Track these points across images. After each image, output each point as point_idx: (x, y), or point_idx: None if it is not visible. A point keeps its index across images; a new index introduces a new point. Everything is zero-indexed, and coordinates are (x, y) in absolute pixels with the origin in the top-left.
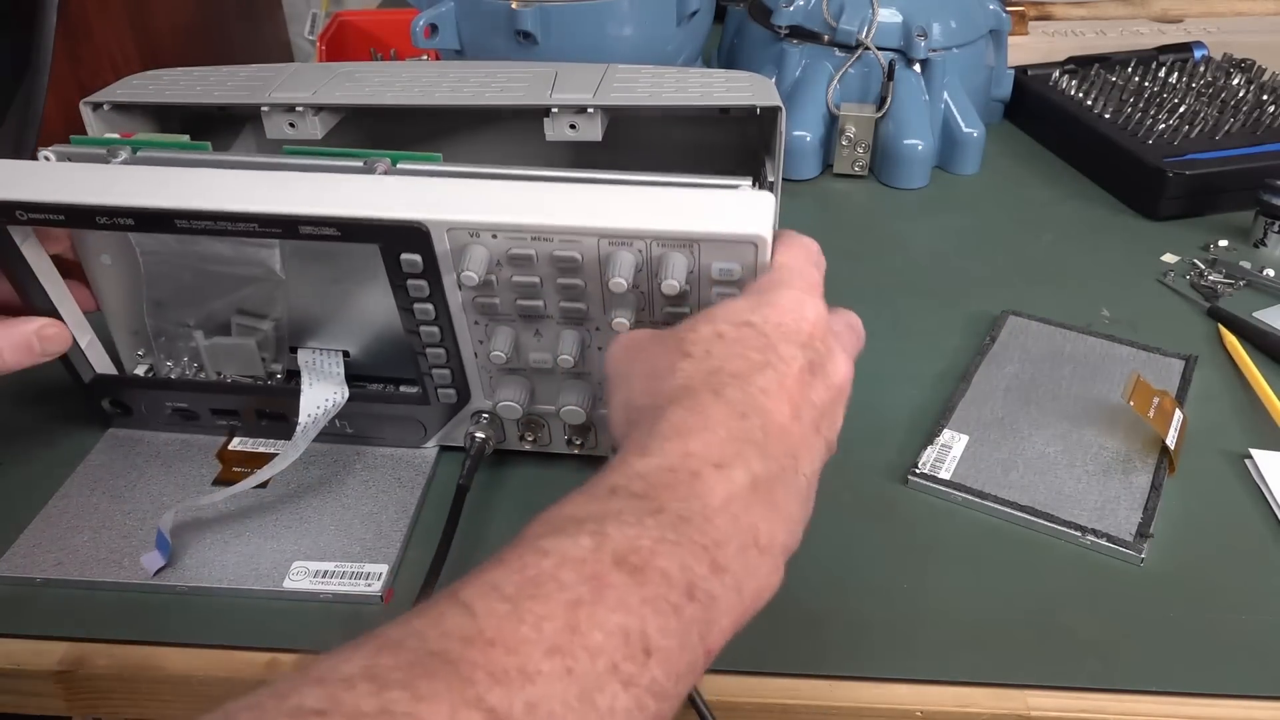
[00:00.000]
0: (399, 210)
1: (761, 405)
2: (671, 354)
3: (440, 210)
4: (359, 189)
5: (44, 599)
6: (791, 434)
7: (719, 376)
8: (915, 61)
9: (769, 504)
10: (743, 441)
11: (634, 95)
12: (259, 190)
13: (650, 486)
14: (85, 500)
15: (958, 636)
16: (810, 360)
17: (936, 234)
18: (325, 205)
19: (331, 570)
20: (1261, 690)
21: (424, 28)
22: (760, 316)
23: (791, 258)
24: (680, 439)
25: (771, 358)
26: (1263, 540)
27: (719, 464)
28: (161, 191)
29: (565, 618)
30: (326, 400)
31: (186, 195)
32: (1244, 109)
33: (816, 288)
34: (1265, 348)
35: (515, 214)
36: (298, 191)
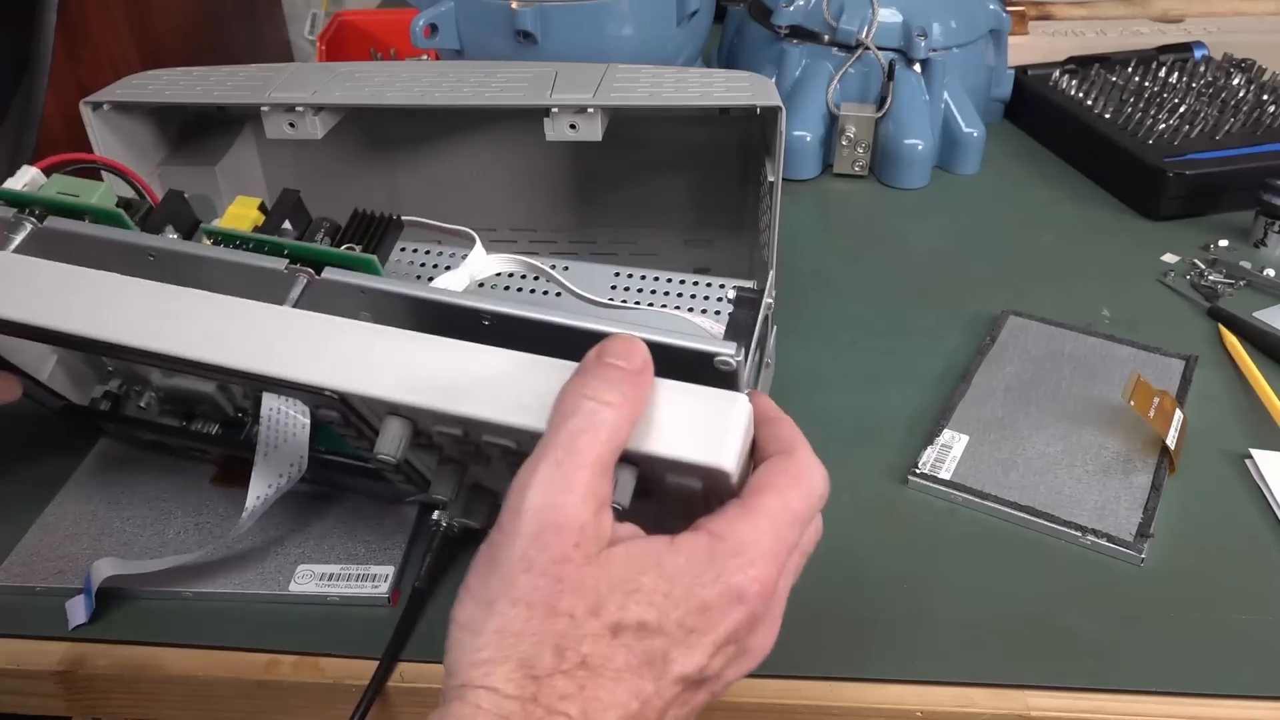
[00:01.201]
0: (312, 374)
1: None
2: (556, 620)
3: (356, 381)
4: (275, 333)
5: (44, 607)
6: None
7: (568, 710)
8: (915, 61)
9: None
10: None
11: (634, 95)
12: (170, 323)
13: None
14: (83, 507)
15: (958, 636)
16: (701, 675)
17: (936, 234)
18: (242, 356)
19: (337, 573)
20: (1261, 690)
21: (424, 28)
22: (678, 618)
23: (776, 510)
24: None
25: (647, 688)
26: (1263, 540)
27: None
28: (57, 307)
29: None
30: (280, 477)
31: (83, 317)
32: (1244, 109)
33: (779, 564)
34: (1265, 348)
35: (442, 398)
36: (212, 329)
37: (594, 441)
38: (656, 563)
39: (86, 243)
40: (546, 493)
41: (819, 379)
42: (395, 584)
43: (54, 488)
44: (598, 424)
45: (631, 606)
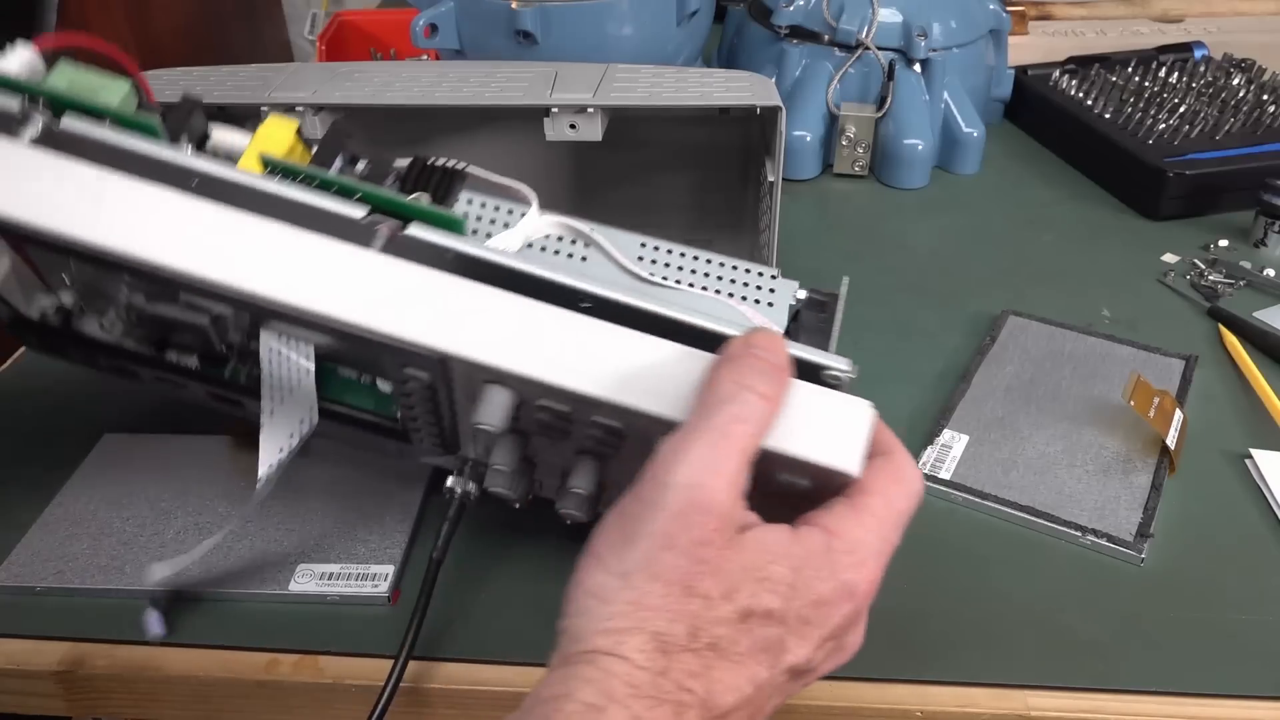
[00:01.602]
0: (414, 331)
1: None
2: (691, 600)
3: (464, 344)
4: (366, 280)
5: (44, 607)
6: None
7: (694, 684)
8: (915, 61)
9: None
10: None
11: (634, 95)
12: (234, 250)
13: None
14: (83, 507)
15: (958, 636)
16: (807, 666)
17: (936, 234)
18: (322, 300)
19: (337, 572)
20: (1261, 690)
21: (424, 28)
22: (798, 608)
23: (889, 514)
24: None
25: (763, 674)
26: (1263, 540)
27: None
28: (95, 216)
29: None
30: (291, 437)
31: (128, 233)
32: (1244, 109)
33: (885, 560)
34: (1265, 348)
35: (564, 374)
36: (287, 265)
37: (746, 430)
38: (785, 553)
39: (112, 154)
40: (697, 472)
41: None
42: (395, 583)
43: (54, 488)
44: (751, 413)
45: (762, 594)
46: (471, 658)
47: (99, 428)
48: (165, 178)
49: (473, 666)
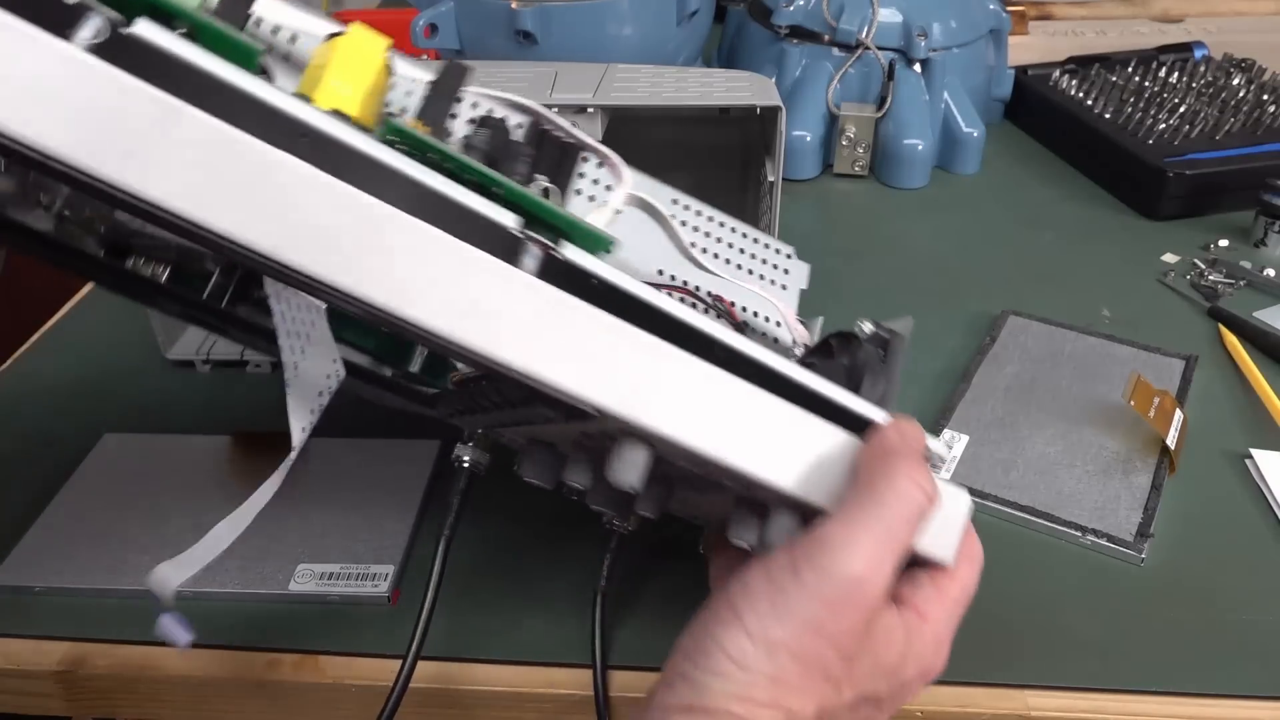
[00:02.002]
0: (570, 380)
1: None
2: (826, 690)
3: (635, 408)
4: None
5: (44, 607)
6: None
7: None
8: (915, 61)
9: None
10: None
11: (634, 95)
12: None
13: None
14: (83, 507)
15: (958, 636)
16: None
17: (936, 234)
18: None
19: (337, 572)
20: (1261, 690)
21: (424, 28)
22: (897, 684)
23: (963, 598)
24: None
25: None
26: (1263, 540)
27: None
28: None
29: None
30: (320, 395)
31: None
32: (1244, 109)
33: (951, 637)
34: (1265, 348)
35: (707, 438)
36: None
37: (912, 530)
38: (900, 649)
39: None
40: (863, 567)
41: None
42: (395, 583)
43: (54, 488)
44: (918, 513)
45: (878, 683)
46: (472, 658)
47: (99, 428)
48: (265, 132)
49: (473, 666)
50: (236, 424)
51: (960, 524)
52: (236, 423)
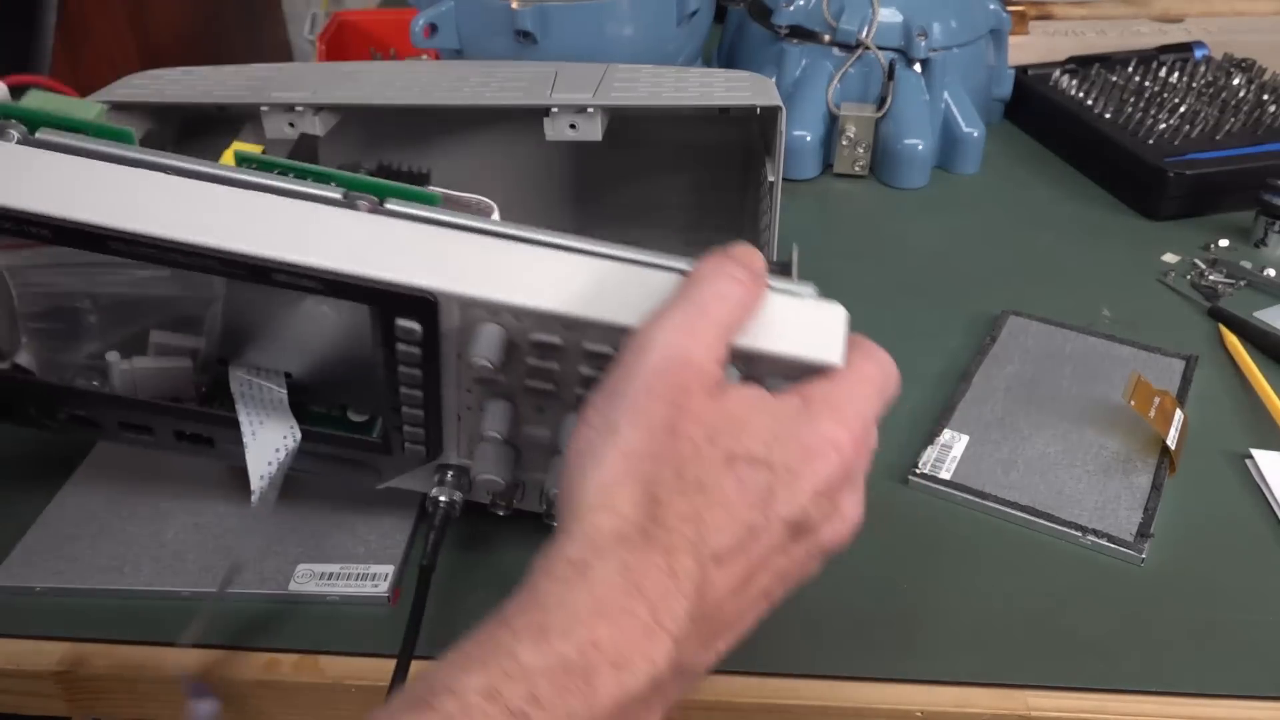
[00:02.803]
0: (404, 273)
1: (708, 579)
2: (678, 444)
3: (456, 281)
4: (351, 235)
5: (44, 607)
6: (723, 612)
7: (687, 528)
8: (915, 61)
9: (658, 695)
10: (661, 636)
11: (634, 95)
12: (221, 217)
13: (535, 698)
14: (83, 507)
15: (958, 636)
16: (802, 521)
17: (936, 234)
18: (309, 251)
19: (337, 572)
20: (1261, 690)
21: (423, 27)
22: (783, 456)
23: (860, 382)
24: (591, 622)
25: (757, 519)
26: (1263, 540)
27: (619, 663)
28: (88, 198)
29: None
30: (277, 451)
31: (122, 209)
32: (1244, 109)
33: (865, 428)
34: (1266, 348)
35: (551, 298)
36: (273, 226)
37: (723, 308)
38: (765, 407)
39: (90, 156)
40: (675, 336)
41: None
42: (395, 583)
43: (54, 488)
44: (729, 294)
45: (744, 439)
46: None
47: None
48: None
49: None
50: None
51: (836, 328)
52: None
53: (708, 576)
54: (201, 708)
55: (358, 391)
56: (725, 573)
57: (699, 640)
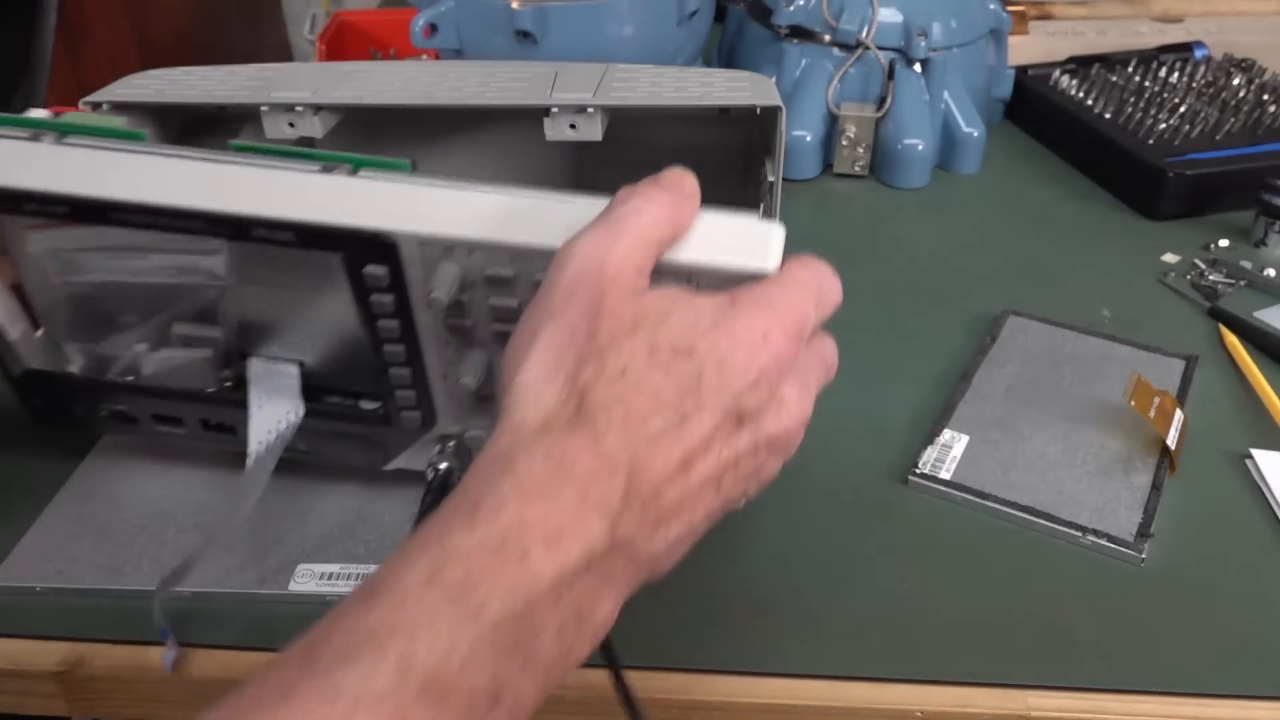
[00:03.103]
0: (364, 218)
1: (640, 460)
2: (598, 336)
3: (410, 220)
4: (320, 191)
5: (44, 607)
6: (663, 495)
7: (613, 410)
8: (915, 61)
9: (602, 577)
10: (594, 510)
11: (634, 95)
12: (207, 185)
13: (470, 575)
14: (83, 507)
15: (958, 636)
16: (741, 409)
17: (936, 234)
18: (282, 207)
19: (337, 572)
20: (1261, 690)
21: (423, 27)
22: (709, 343)
23: (796, 275)
24: (519, 502)
25: (688, 404)
26: (1263, 540)
27: (552, 539)
28: (97, 178)
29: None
30: (279, 423)
31: (126, 185)
32: (1244, 109)
33: (797, 328)
34: (1266, 348)
35: (495, 230)
36: (251, 189)
37: (640, 221)
38: (689, 302)
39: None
40: (590, 247)
41: None
42: None
43: (54, 488)
44: (644, 210)
45: (666, 330)
46: None
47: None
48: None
49: None
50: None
51: (772, 241)
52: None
53: (639, 457)
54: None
55: (367, 380)
56: (659, 456)
57: (641, 523)
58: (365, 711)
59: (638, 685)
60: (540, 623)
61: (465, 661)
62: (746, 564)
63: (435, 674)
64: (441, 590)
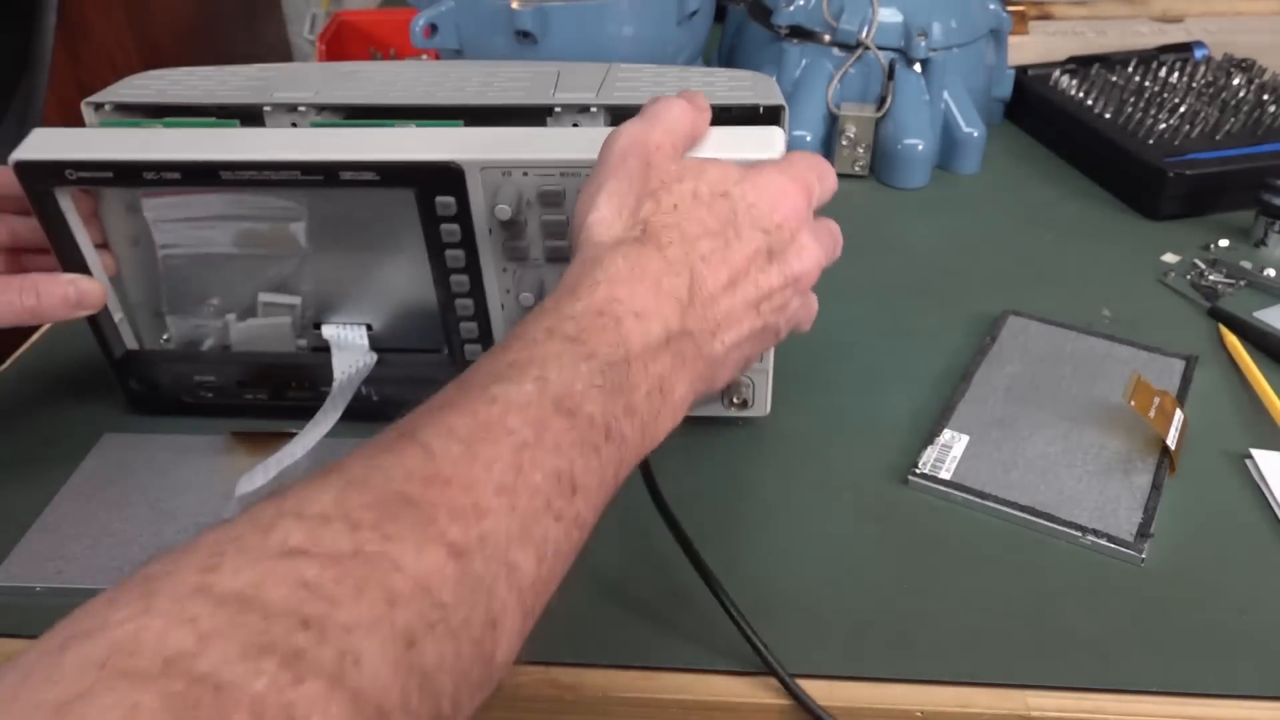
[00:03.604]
0: (435, 152)
1: (698, 271)
2: (650, 183)
3: (473, 151)
4: (394, 138)
5: (44, 607)
6: (718, 303)
7: (671, 232)
8: (915, 61)
9: (678, 358)
10: (667, 298)
11: (637, 94)
12: (299, 142)
13: (581, 330)
14: (83, 507)
15: (958, 636)
16: (770, 245)
17: (936, 234)
18: (364, 151)
19: None
20: (1261, 690)
21: (423, 27)
22: (740, 191)
23: (799, 158)
24: (609, 285)
25: (729, 233)
26: (1263, 540)
27: (639, 314)
28: (205, 146)
29: (511, 459)
30: (358, 360)
31: (230, 149)
32: (1244, 109)
33: (806, 188)
34: (1266, 348)
35: (544, 151)
36: (336, 142)
37: (669, 114)
38: (720, 163)
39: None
40: (634, 129)
41: (819, 379)
42: None
43: (54, 488)
44: (672, 105)
45: (705, 179)
46: None
47: (99, 428)
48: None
49: None
50: (235, 424)
51: (775, 139)
52: (235, 423)
53: (696, 268)
54: None
55: (428, 335)
56: (711, 270)
57: (704, 321)
58: (516, 413)
59: (637, 685)
60: (635, 380)
61: (584, 391)
62: (746, 564)
63: (565, 393)
64: (561, 338)
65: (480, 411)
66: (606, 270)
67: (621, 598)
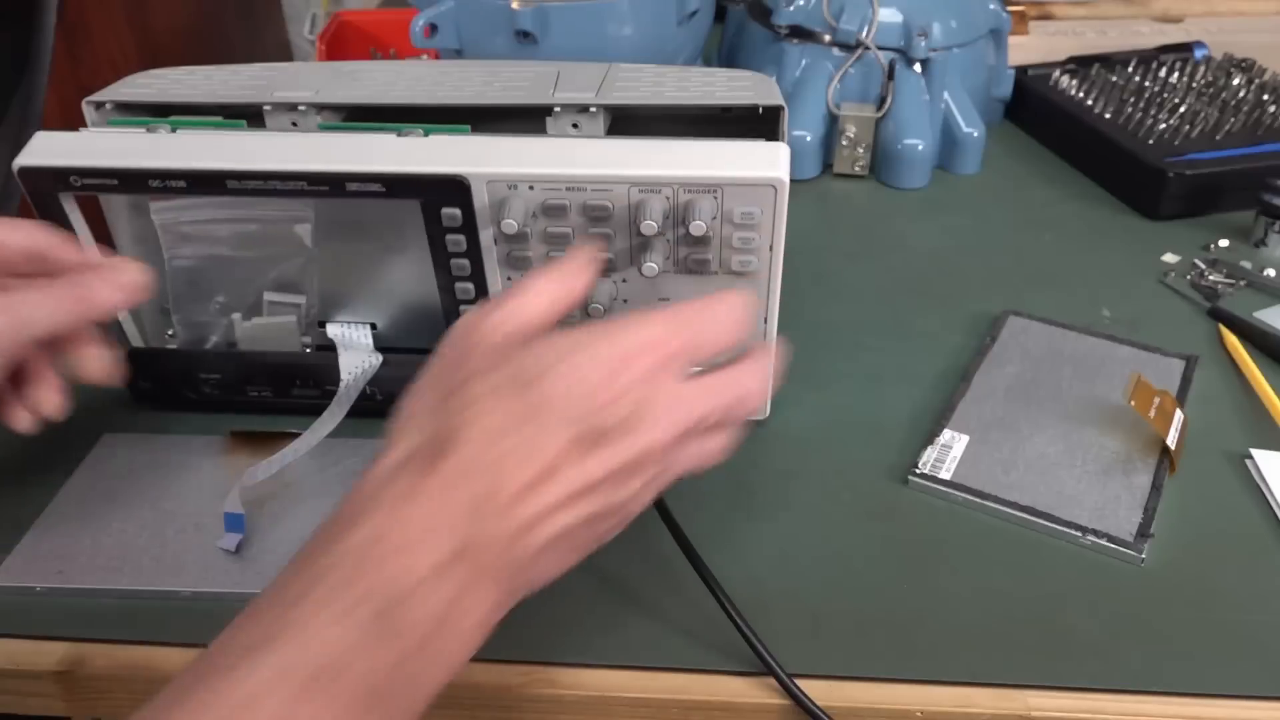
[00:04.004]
0: (441, 165)
1: (496, 472)
2: (460, 374)
3: (480, 164)
4: (401, 148)
5: (44, 607)
6: (524, 503)
7: (468, 430)
8: (915, 61)
9: (473, 570)
10: (455, 510)
11: (637, 94)
12: (306, 151)
13: (342, 579)
14: (83, 507)
15: (958, 636)
16: (590, 432)
17: (936, 234)
18: (370, 163)
19: None
20: (1261, 690)
21: (423, 27)
22: (554, 377)
23: (672, 315)
24: (377, 520)
25: (529, 429)
26: (1263, 540)
27: (407, 547)
28: (211, 154)
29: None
30: (364, 362)
31: (236, 157)
32: (1244, 109)
33: (662, 355)
34: (1266, 348)
35: (550, 166)
36: (342, 152)
37: (515, 300)
38: (549, 343)
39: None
40: (468, 317)
41: (819, 379)
42: None
43: (54, 488)
44: (526, 288)
45: (517, 367)
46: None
47: (99, 428)
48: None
49: (471, 666)
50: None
51: (778, 155)
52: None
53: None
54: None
55: (430, 337)
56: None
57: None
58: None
59: (637, 685)
60: (415, 617)
61: (341, 655)
62: (746, 564)
63: (322, 666)
64: (319, 595)
65: (224, 708)
66: (379, 499)
67: (621, 598)
